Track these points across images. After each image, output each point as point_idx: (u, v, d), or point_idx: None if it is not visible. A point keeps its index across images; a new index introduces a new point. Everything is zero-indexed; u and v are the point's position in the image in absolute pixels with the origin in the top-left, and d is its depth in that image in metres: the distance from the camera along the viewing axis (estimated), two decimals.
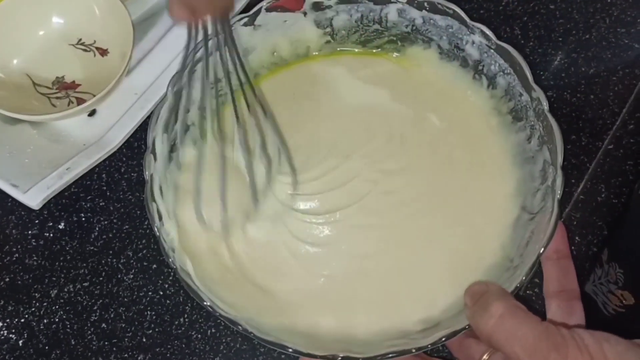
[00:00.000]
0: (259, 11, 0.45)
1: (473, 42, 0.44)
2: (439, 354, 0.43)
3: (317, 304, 0.40)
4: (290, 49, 0.49)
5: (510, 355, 0.32)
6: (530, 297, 0.45)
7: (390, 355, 0.35)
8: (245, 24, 0.45)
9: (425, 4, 0.44)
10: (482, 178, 0.44)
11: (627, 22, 0.55)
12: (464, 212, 0.43)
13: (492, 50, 0.44)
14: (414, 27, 0.46)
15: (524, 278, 0.36)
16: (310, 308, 0.40)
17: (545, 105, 0.41)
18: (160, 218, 0.40)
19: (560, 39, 0.55)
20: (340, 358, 0.35)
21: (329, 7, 0.47)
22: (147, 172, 0.40)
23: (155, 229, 0.39)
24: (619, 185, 0.49)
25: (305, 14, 0.47)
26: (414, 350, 0.35)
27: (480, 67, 0.45)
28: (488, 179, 0.44)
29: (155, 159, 0.42)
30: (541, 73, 0.53)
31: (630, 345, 0.30)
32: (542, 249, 0.37)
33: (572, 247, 0.47)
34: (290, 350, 0.35)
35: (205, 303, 0.37)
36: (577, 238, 0.47)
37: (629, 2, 0.56)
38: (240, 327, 0.36)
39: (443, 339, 0.35)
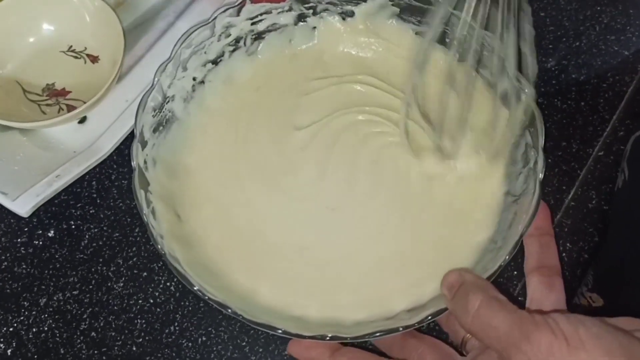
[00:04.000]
0: (244, 2, 0.46)
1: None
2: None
3: (303, 291, 0.41)
4: None
5: (487, 346, 0.33)
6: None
7: (377, 334, 0.35)
8: (230, 15, 0.46)
9: None
10: None
11: (616, 30, 0.56)
12: (449, 198, 0.43)
13: None
14: None
15: (507, 257, 0.37)
16: (297, 294, 0.40)
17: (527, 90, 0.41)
18: (148, 205, 0.40)
19: (551, 46, 0.55)
20: (328, 338, 0.35)
21: None
22: (134, 161, 0.40)
23: (144, 217, 0.39)
24: (610, 191, 0.49)
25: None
26: (400, 329, 0.35)
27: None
28: None
29: (142, 147, 0.42)
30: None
31: (605, 326, 0.30)
32: (524, 229, 0.37)
33: (564, 254, 0.47)
34: (280, 331, 0.35)
35: (194, 288, 0.37)
36: (568, 244, 0.48)
37: (618, 10, 0.56)
38: (229, 310, 0.36)
39: (429, 317, 0.36)
